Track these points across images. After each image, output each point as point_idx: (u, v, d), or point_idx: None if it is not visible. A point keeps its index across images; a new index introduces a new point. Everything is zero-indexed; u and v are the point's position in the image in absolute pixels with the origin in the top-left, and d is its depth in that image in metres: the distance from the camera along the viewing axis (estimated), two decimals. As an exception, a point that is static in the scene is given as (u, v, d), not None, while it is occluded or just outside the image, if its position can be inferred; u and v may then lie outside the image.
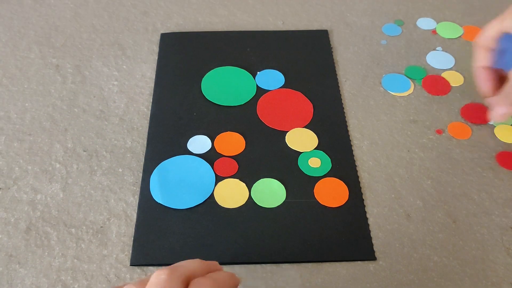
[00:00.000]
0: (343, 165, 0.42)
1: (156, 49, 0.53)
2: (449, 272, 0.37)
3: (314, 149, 0.44)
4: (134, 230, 0.38)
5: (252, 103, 0.47)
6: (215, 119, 0.46)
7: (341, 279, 0.36)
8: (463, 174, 0.42)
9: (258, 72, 0.50)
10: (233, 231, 0.38)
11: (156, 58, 0.52)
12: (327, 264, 0.37)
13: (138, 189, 0.41)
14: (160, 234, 0.38)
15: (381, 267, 0.37)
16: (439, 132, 0.46)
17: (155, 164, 0.42)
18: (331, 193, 0.40)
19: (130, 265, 0.36)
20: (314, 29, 0.56)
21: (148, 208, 0.39)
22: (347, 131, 0.45)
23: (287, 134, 0.45)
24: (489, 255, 0.37)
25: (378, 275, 0.36)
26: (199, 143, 0.44)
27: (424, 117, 0.47)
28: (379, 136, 0.45)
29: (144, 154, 0.43)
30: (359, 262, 0.37)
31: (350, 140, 0.45)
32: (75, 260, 0.37)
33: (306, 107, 0.47)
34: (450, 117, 0.47)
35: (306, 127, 0.46)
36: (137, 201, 0.40)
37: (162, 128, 0.45)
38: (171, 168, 0.42)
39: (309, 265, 0.37)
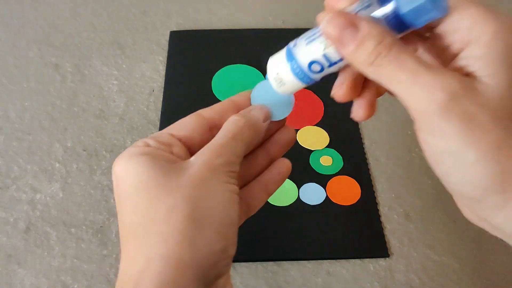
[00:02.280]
0: (355, 163, 0.43)
1: (155, 48, 0.53)
2: (448, 271, 0.37)
3: (326, 147, 0.44)
4: None
5: None
6: None
7: (342, 279, 0.36)
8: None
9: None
10: (246, 229, 0.38)
11: (156, 57, 0.52)
12: (328, 263, 0.37)
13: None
14: None
15: (381, 266, 0.37)
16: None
17: None
18: (343, 191, 0.40)
19: None
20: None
21: None
22: (358, 129, 0.45)
23: (299, 132, 0.45)
24: (487, 254, 0.38)
25: (378, 274, 0.36)
26: None
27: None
28: (378, 136, 0.45)
29: None
30: (358, 261, 0.37)
31: (361, 138, 0.45)
32: (75, 260, 0.37)
33: (317, 105, 0.47)
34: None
35: (317, 125, 0.46)
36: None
37: None
38: None
39: (310, 264, 0.37)
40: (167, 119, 0.46)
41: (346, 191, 0.41)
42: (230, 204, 0.21)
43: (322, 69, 0.22)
